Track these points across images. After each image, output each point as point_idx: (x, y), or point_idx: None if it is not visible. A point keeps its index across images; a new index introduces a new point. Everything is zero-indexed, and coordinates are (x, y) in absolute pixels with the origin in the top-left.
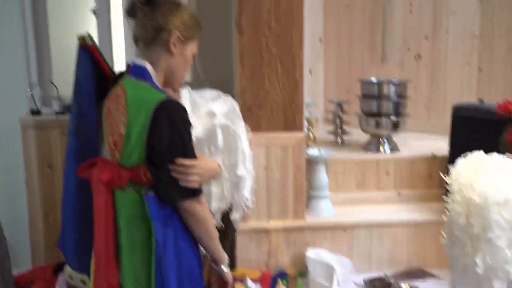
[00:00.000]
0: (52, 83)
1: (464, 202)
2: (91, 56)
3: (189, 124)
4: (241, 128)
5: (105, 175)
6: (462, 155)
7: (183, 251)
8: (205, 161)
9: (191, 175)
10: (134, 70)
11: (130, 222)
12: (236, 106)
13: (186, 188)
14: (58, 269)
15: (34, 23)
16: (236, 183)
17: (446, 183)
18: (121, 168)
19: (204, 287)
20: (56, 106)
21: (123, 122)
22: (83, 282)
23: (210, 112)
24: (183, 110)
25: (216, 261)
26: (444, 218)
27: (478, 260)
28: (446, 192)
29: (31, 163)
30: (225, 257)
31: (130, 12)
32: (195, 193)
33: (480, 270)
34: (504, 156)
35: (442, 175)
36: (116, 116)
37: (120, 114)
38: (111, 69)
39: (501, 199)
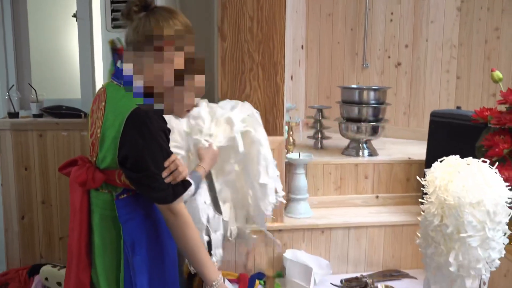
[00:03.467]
0: (30, 85)
1: (438, 203)
2: (120, 57)
3: (163, 129)
4: (261, 134)
5: (80, 177)
6: (438, 159)
7: (156, 255)
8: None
9: (175, 176)
10: (117, 73)
11: (102, 222)
12: (255, 112)
13: (172, 191)
14: (33, 271)
15: (13, 26)
16: (260, 191)
17: (423, 186)
18: (96, 170)
19: None
20: (34, 109)
21: (99, 125)
22: (59, 284)
23: (228, 119)
24: (157, 116)
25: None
26: (419, 219)
27: (451, 259)
28: (422, 194)
29: (8, 165)
30: (211, 275)
31: (126, 15)
32: (180, 193)
33: (453, 268)
34: (479, 160)
35: (418, 178)
36: (96, 117)
37: (99, 116)
38: None
39: (474, 201)
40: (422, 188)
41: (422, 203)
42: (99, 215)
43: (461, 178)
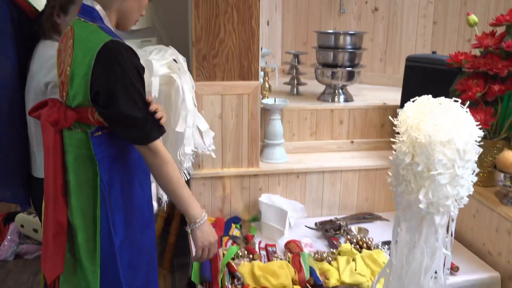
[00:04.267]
0: None
1: (410, 142)
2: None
3: (136, 65)
4: (185, 81)
5: (51, 116)
6: (411, 99)
7: (132, 192)
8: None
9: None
10: (83, 10)
11: (77, 162)
12: (181, 59)
13: (151, 130)
14: (9, 218)
15: None
16: (177, 140)
17: (397, 132)
18: (68, 109)
19: (154, 231)
20: None
21: (69, 62)
22: (35, 230)
23: (147, 62)
24: (130, 51)
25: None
26: (391, 158)
27: (421, 197)
28: (394, 134)
29: None
30: (194, 212)
31: None
32: (160, 133)
33: (422, 205)
34: (451, 100)
35: (391, 118)
36: (64, 56)
37: (67, 54)
38: (34, 9)
39: (445, 139)
40: (394, 128)
41: (394, 143)
42: (73, 155)
43: (433, 117)
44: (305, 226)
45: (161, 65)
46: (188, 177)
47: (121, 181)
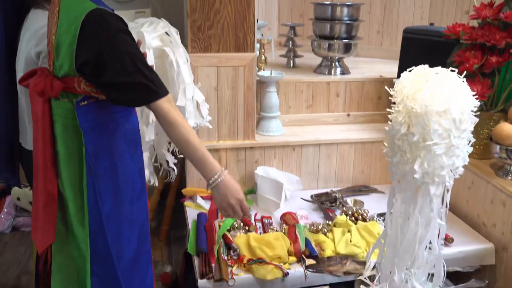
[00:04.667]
0: None
1: (406, 112)
2: None
3: (123, 29)
4: (179, 54)
5: (38, 85)
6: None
7: (121, 163)
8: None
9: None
10: None
11: (65, 132)
12: (174, 31)
13: (149, 89)
14: (5, 191)
15: None
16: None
17: (393, 102)
18: (54, 78)
19: (146, 202)
20: None
21: (54, 31)
22: (31, 203)
23: (138, 34)
24: (116, 17)
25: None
26: (387, 128)
27: (417, 167)
28: (390, 104)
29: None
30: (206, 174)
31: None
32: (161, 92)
33: (418, 175)
34: (448, 70)
35: (387, 88)
36: (51, 25)
37: (53, 23)
38: None
39: (441, 109)
40: (390, 98)
41: (390, 114)
42: (61, 125)
43: (429, 87)
44: (301, 198)
45: (153, 37)
46: None
47: (109, 152)
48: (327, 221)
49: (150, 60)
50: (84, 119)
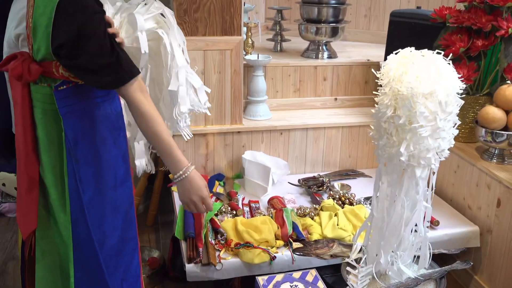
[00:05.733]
0: None
1: (392, 95)
2: None
3: (98, 11)
4: (174, 37)
5: (15, 70)
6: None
7: (103, 149)
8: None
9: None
10: None
11: (45, 117)
12: (168, 12)
13: (116, 74)
14: None
15: None
16: (171, 98)
17: (380, 85)
18: (32, 62)
19: (131, 188)
20: None
21: (30, 14)
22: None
23: (130, 16)
24: (85, 1)
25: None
26: (373, 111)
27: (403, 149)
28: (377, 88)
29: None
30: (173, 167)
31: None
32: (128, 76)
33: (404, 158)
34: (434, 52)
35: (374, 71)
36: (28, 7)
37: (30, 5)
38: None
39: (427, 91)
40: (377, 81)
41: (377, 97)
42: (41, 110)
43: (415, 69)
44: (288, 182)
45: (146, 19)
46: (188, 137)
47: (89, 137)
48: (314, 205)
49: (143, 42)
50: (63, 104)
